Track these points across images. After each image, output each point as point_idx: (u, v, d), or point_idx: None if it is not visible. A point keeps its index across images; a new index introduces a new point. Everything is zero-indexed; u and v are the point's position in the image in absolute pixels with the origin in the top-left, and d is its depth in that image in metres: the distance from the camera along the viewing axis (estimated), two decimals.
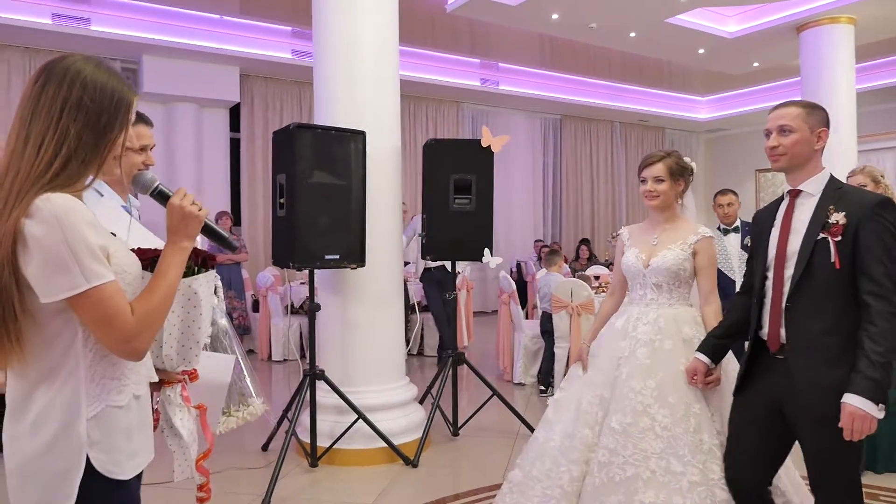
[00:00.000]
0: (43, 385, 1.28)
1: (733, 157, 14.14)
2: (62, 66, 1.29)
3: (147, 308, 1.30)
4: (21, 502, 1.31)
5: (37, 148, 1.24)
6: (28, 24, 7.18)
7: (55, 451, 1.27)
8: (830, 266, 2.00)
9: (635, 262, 2.67)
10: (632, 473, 2.36)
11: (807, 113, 2.13)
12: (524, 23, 7.87)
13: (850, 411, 1.89)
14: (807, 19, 8.03)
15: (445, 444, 4.38)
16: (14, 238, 1.21)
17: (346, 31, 4.07)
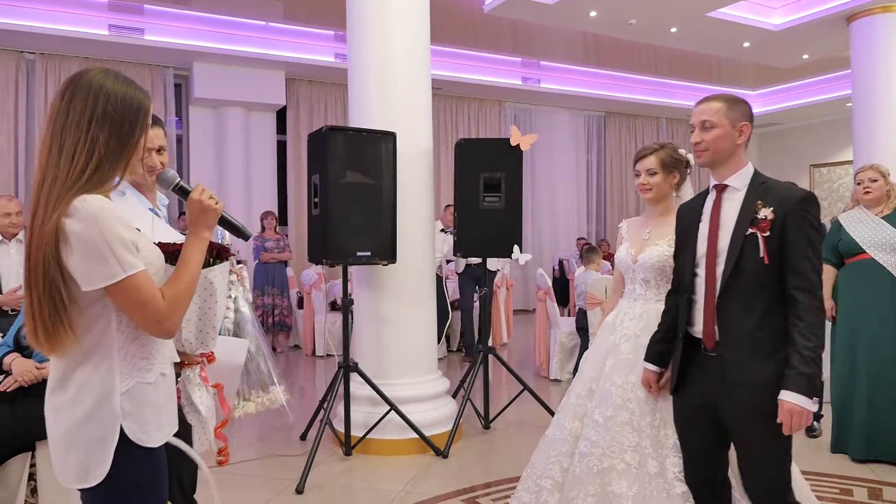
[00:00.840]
0: (82, 364, 1.44)
1: (786, 153, 13.77)
2: (85, 80, 1.45)
3: (175, 292, 1.46)
4: (64, 465, 1.47)
5: (70, 157, 1.40)
6: (86, 36, 7.59)
7: (93, 420, 1.43)
8: (759, 261, 1.99)
9: (625, 257, 2.67)
10: (608, 465, 2.41)
11: (728, 107, 2.11)
12: (562, 21, 7.88)
13: (788, 408, 1.90)
14: (857, 9, 7.79)
15: (476, 436, 4.47)
16: (56, 236, 1.36)
17: (379, 36, 4.20)
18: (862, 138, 7.91)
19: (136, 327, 1.48)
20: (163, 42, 7.98)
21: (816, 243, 1.98)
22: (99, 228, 1.36)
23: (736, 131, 2.09)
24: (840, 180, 13.14)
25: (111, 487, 1.44)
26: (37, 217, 1.39)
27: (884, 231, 3.76)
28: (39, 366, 3.00)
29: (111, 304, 1.44)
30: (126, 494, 1.46)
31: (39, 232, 1.37)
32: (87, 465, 1.43)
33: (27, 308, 1.43)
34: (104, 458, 1.43)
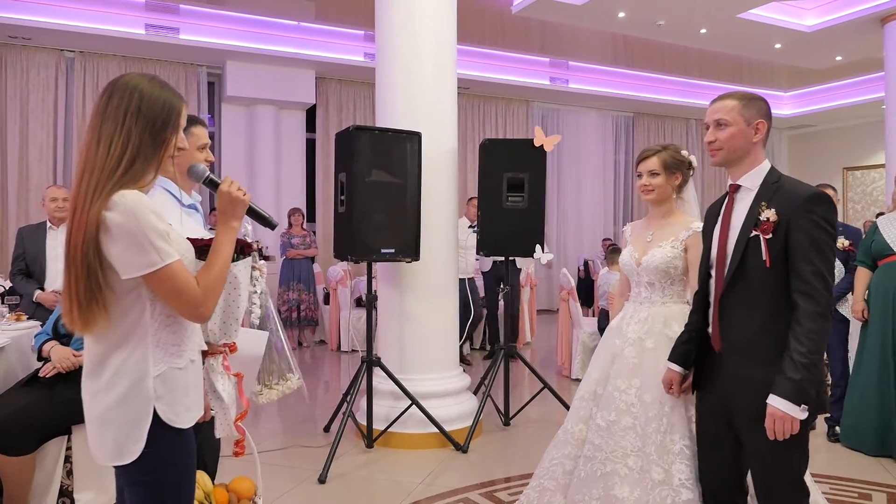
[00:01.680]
0: (117, 349, 1.54)
1: (819, 155, 13.56)
2: (123, 81, 1.56)
3: (208, 279, 1.56)
4: (100, 445, 1.58)
5: (107, 147, 1.50)
6: (123, 35, 7.82)
7: (128, 402, 1.53)
8: (762, 264, 1.96)
9: (629, 260, 2.65)
10: (610, 469, 2.41)
11: (743, 105, 2.06)
12: (590, 21, 7.89)
13: (771, 413, 1.88)
14: (891, 10, 7.67)
15: (496, 432, 4.54)
16: (98, 227, 1.46)
17: (407, 36, 4.28)
18: (893, 142, 7.79)
19: (169, 315, 1.57)
20: (197, 41, 8.17)
21: (822, 245, 1.91)
22: (137, 221, 1.46)
23: (751, 129, 2.05)
24: (874, 183, 12.90)
25: (145, 464, 1.54)
26: (77, 205, 1.49)
27: None
28: (77, 353, 3.13)
29: (146, 293, 1.53)
30: (159, 471, 1.56)
31: (79, 220, 1.47)
32: (123, 444, 1.53)
33: (65, 287, 1.52)
34: (139, 437, 1.52)
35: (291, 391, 2.58)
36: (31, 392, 3.09)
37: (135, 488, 1.58)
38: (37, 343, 3.27)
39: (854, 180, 13.35)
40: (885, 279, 3.86)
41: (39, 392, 3.09)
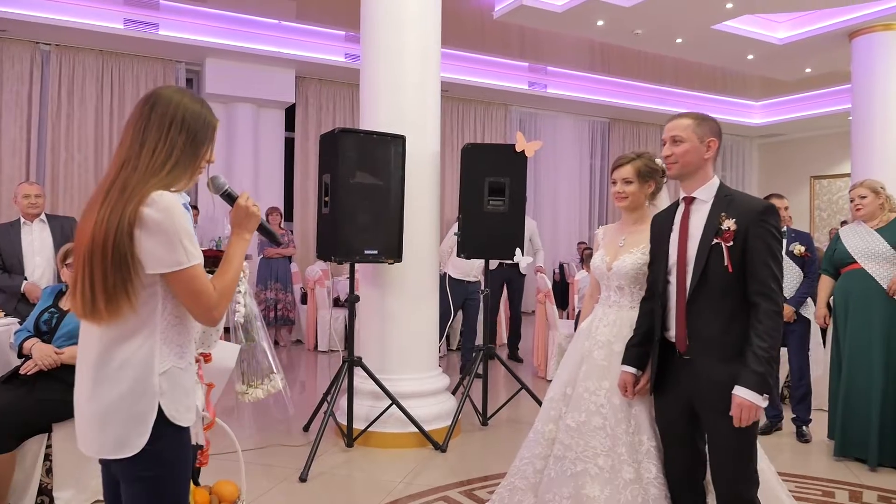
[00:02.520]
0: (126, 342, 1.57)
1: (788, 163, 13.89)
2: (166, 94, 1.65)
3: (223, 284, 1.63)
4: (98, 435, 1.58)
5: (151, 151, 1.59)
6: (102, 29, 7.73)
7: (134, 397, 1.56)
8: (724, 269, 2.14)
9: (600, 263, 2.71)
10: (581, 468, 2.49)
11: (696, 124, 2.26)
12: (569, 28, 8.00)
13: (738, 402, 2.06)
14: (859, 26, 7.91)
15: (474, 432, 4.61)
16: (133, 220, 1.52)
17: (391, 41, 4.33)
18: (860, 152, 8.05)
19: (177, 316, 1.62)
20: (177, 37, 8.11)
21: (776, 252, 2.13)
22: (172, 220, 1.54)
23: (704, 146, 2.24)
24: (840, 192, 13.26)
25: (145, 459, 1.56)
26: (110, 198, 1.55)
27: (875, 242, 3.90)
28: (59, 351, 3.13)
29: (160, 290, 1.59)
30: (159, 466, 1.59)
31: (113, 211, 1.53)
32: (125, 437, 1.55)
33: (82, 279, 1.55)
34: (143, 432, 1.55)
35: (277, 391, 2.62)
36: (11, 390, 3.08)
37: (133, 483, 1.59)
38: (17, 340, 3.26)
39: (821, 189, 13.70)
40: (847, 286, 4.02)
41: (20, 390, 3.08)
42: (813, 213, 13.67)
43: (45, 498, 3.16)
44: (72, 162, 8.20)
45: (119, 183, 1.56)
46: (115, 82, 8.44)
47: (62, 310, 3.28)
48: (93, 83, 8.29)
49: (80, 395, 1.63)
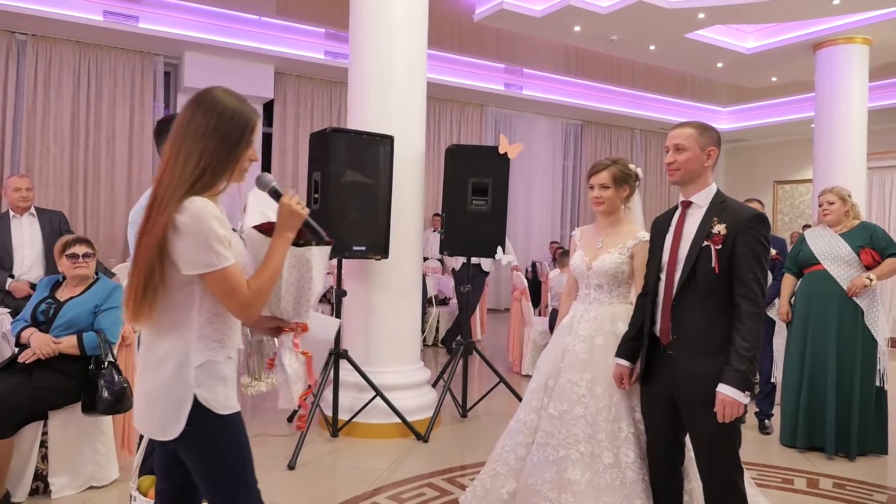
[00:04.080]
0: (166, 336, 1.70)
1: (752, 168, 14.31)
2: (209, 97, 1.69)
3: (258, 283, 1.70)
4: (146, 419, 1.74)
5: (184, 162, 1.65)
6: (80, 20, 7.68)
7: (172, 386, 1.68)
8: (711, 270, 2.28)
9: (580, 263, 2.88)
10: (563, 454, 2.66)
11: (698, 133, 2.39)
12: (548, 33, 8.20)
13: (722, 399, 2.19)
14: (823, 38, 8.27)
15: (454, 423, 4.76)
16: (166, 227, 1.61)
17: (380, 43, 4.45)
18: (821, 159, 8.40)
19: (215, 314, 1.72)
20: (156, 30, 8.09)
21: (762, 258, 2.26)
22: (201, 225, 1.61)
23: (704, 155, 2.38)
24: (801, 197, 13.71)
25: (190, 442, 1.70)
26: (154, 209, 1.64)
27: (838, 246, 4.15)
28: (56, 340, 3.21)
29: (198, 290, 1.68)
30: (202, 449, 1.72)
31: (153, 222, 1.63)
32: (165, 422, 1.69)
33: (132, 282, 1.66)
34: (179, 419, 1.67)
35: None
36: (9, 377, 3.15)
37: (189, 460, 1.74)
38: (14, 330, 3.32)
39: (784, 193, 14.15)
40: (810, 286, 4.26)
41: (18, 377, 3.15)
42: (776, 217, 14.12)
43: (41, 483, 3.23)
44: (47, 154, 8.13)
45: (159, 196, 1.63)
46: (93, 74, 8.39)
47: (59, 300, 3.35)
48: (70, 74, 8.23)
49: (136, 378, 1.79)
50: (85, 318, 3.30)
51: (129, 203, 8.06)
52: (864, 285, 4.02)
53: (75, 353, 3.21)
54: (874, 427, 4.12)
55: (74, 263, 3.36)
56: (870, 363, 4.09)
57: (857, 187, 7.93)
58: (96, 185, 8.43)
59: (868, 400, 4.09)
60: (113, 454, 3.47)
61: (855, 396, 4.06)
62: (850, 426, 4.06)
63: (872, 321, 4.07)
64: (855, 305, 4.08)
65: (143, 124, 8.68)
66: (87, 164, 8.39)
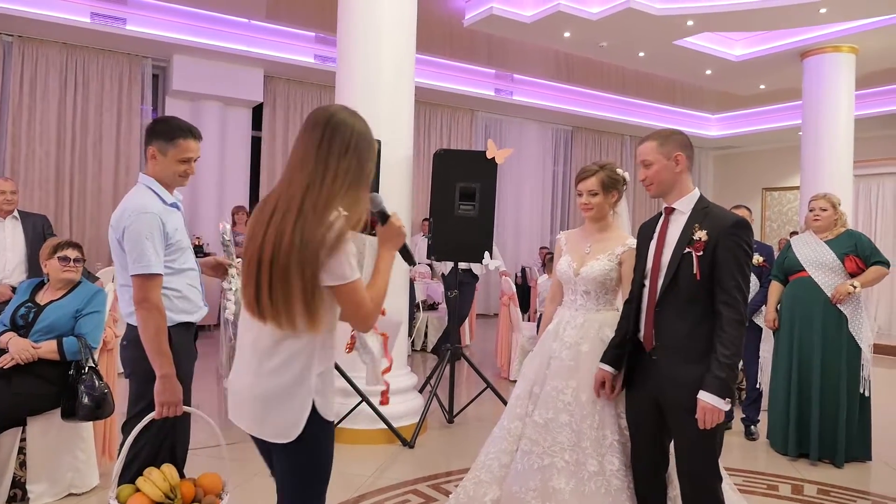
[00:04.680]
0: (289, 340, 1.74)
1: (741, 175, 14.39)
2: (339, 119, 1.77)
3: (376, 295, 1.80)
4: (259, 422, 1.76)
5: (333, 177, 1.72)
6: (67, 22, 7.62)
7: (295, 390, 1.74)
8: (693, 277, 2.27)
9: (567, 269, 2.85)
10: (548, 462, 2.64)
11: (659, 144, 2.39)
12: (538, 39, 8.22)
13: (702, 406, 2.18)
14: (810, 46, 8.34)
15: (441, 429, 4.74)
16: (320, 242, 1.67)
17: (368, 48, 4.44)
18: (808, 166, 8.46)
19: (333, 324, 1.80)
20: (144, 33, 8.04)
21: (744, 264, 2.24)
22: (345, 242, 1.69)
23: (672, 162, 2.37)
24: (789, 204, 13.79)
25: (300, 446, 1.75)
26: (292, 215, 1.69)
27: (824, 253, 4.16)
28: (35, 345, 3.16)
29: (328, 301, 1.74)
30: (311, 453, 1.79)
31: (304, 230, 1.67)
32: (284, 426, 1.74)
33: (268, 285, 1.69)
34: (299, 423, 1.73)
35: None
36: None
37: (288, 465, 1.81)
38: None
39: (772, 200, 14.24)
40: (795, 293, 4.27)
41: None
42: (764, 223, 14.20)
43: (19, 491, 3.18)
44: (33, 157, 8.06)
45: (309, 203, 1.69)
46: (80, 76, 8.33)
47: (39, 304, 3.31)
48: (56, 77, 8.16)
49: (243, 378, 1.81)
50: (65, 323, 3.26)
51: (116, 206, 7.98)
52: (847, 292, 4.03)
53: (55, 358, 3.17)
54: (858, 434, 4.14)
55: (65, 266, 3.33)
56: (854, 370, 4.10)
57: (844, 195, 7.94)
58: (83, 188, 8.36)
59: (853, 407, 4.11)
60: (93, 461, 3.42)
61: (841, 403, 4.07)
62: (837, 433, 4.07)
63: (856, 328, 4.08)
64: (839, 312, 4.10)
65: (131, 127, 8.62)
66: (73, 167, 8.32)
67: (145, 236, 2.34)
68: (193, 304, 2.56)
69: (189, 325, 2.56)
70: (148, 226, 2.35)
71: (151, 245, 2.34)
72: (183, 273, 2.51)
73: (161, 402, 2.36)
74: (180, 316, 2.50)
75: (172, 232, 2.45)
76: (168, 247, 2.43)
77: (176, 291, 2.48)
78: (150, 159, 2.51)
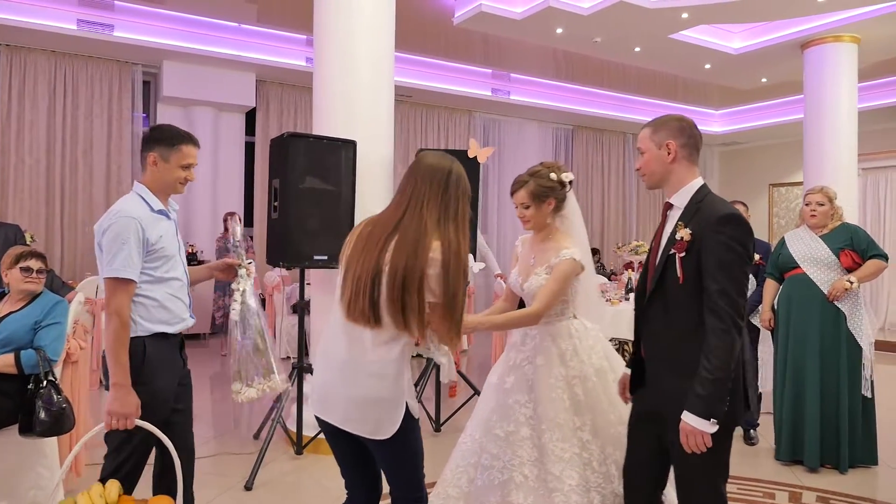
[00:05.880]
0: (390, 345, 2.00)
1: (747, 171, 14.17)
2: (455, 172, 2.10)
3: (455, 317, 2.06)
4: (361, 422, 2.01)
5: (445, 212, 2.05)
6: (54, 30, 7.54)
7: (392, 391, 2.00)
8: (678, 280, 2.03)
9: (515, 283, 2.76)
10: (507, 477, 2.53)
11: (652, 131, 2.18)
12: (529, 36, 8.06)
13: (682, 428, 1.96)
14: (811, 37, 8.12)
15: (427, 438, 4.48)
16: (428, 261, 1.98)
17: (346, 43, 4.32)
18: (810, 161, 8.25)
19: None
20: (133, 39, 7.96)
21: (729, 265, 1.96)
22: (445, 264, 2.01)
23: (663, 151, 2.14)
24: (797, 199, 13.54)
25: (395, 442, 2.01)
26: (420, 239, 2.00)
27: (818, 248, 3.98)
28: None
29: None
30: (404, 449, 2.06)
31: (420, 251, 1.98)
32: (381, 423, 1.99)
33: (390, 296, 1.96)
34: (395, 421, 1.99)
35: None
36: None
37: (390, 455, 2.07)
38: None
39: (779, 196, 14.00)
40: (790, 291, 4.09)
41: None
42: (771, 220, 13.96)
43: None
44: (22, 165, 7.98)
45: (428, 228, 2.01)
46: (69, 84, 8.25)
47: None
48: (45, 85, 8.10)
49: (336, 380, 2.05)
50: (24, 335, 3.13)
51: None
52: (844, 288, 3.85)
53: (12, 371, 3.05)
54: (862, 438, 3.94)
55: (27, 277, 3.21)
56: (855, 371, 3.91)
57: (849, 188, 7.77)
58: (73, 196, 8.28)
59: (855, 409, 3.92)
60: (58, 477, 3.29)
61: (842, 406, 3.88)
62: (839, 437, 3.88)
63: (856, 326, 3.89)
64: (837, 310, 3.91)
65: (122, 135, 8.55)
66: (63, 175, 8.24)
67: (121, 240, 2.30)
68: (174, 315, 2.46)
69: (168, 335, 2.46)
70: (125, 230, 2.31)
71: (126, 249, 2.30)
72: (165, 282, 2.43)
73: (109, 411, 2.28)
74: (157, 326, 2.41)
75: (156, 239, 2.39)
76: (149, 254, 2.37)
77: (153, 300, 2.40)
78: (151, 166, 2.47)
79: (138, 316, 2.35)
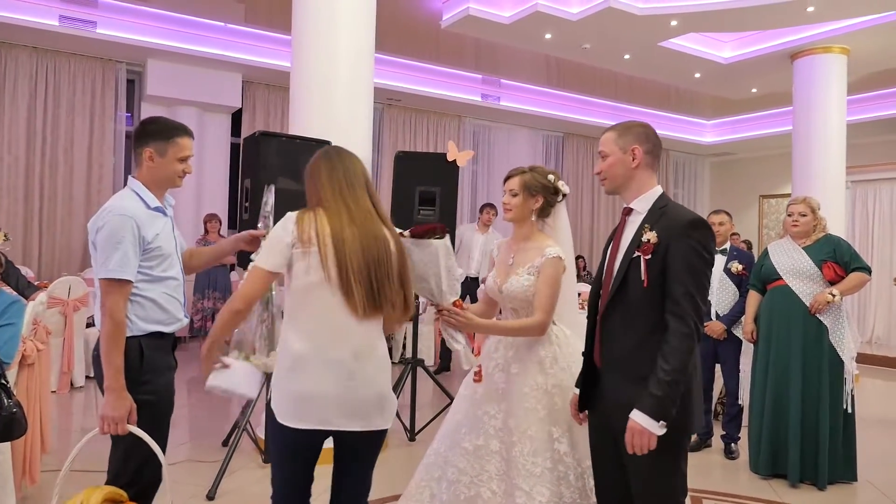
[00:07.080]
0: (381, 339, 2.12)
1: (738, 182, 14.15)
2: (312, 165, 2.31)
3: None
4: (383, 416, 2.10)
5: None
6: (36, 25, 7.41)
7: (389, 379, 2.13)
8: (641, 284, 2.00)
9: (492, 285, 2.64)
10: (474, 493, 2.43)
11: (618, 135, 2.14)
12: (517, 41, 7.99)
13: (630, 426, 1.91)
14: (801, 47, 8.09)
15: (401, 448, 4.48)
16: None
17: (323, 45, 4.24)
18: (799, 173, 8.21)
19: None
20: (116, 36, 7.84)
21: (696, 269, 1.96)
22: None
23: (628, 156, 2.11)
24: None
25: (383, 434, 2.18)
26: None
27: (801, 260, 3.90)
28: None
29: None
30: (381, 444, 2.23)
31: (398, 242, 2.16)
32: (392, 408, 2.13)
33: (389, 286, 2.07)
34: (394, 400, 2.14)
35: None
36: None
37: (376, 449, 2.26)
38: None
39: (769, 208, 13.97)
40: (773, 303, 4.01)
41: None
42: (761, 231, 13.93)
43: None
44: (1, 163, 7.85)
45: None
46: (50, 81, 8.13)
47: None
48: (25, 81, 7.97)
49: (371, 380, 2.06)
50: None
51: (87, 214, 7.77)
52: (826, 301, 3.77)
53: None
54: (842, 453, 3.86)
55: None
56: (836, 385, 3.82)
57: (836, 201, 7.73)
58: (53, 195, 8.14)
59: (836, 424, 3.83)
60: (10, 486, 3.17)
61: (822, 420, 3.80)
62: (819, 453, 3.80)
63: (838, 339, 3.81)
64: (819, 323, 3.83)
65: (104, 133, 8.42)
66: (43, 174, 8.10)
67: (116, 239, 2.23)
68: (170, 315, 2.40)
69: (163, 335, 2.40)
70: (119, 228, 2.24)
71: (121, 249, 2.23)
72: (161, 281, 2.37)
73: (102, 415, 2.23)
74: (153, 326, 2.35)
75: (152, 238, 2.33)
76: (145, 252, 2.30)
77: (150, 300, 2.34)
78: (147, 161, 2.40)
79: (134, 315, 2.29)
